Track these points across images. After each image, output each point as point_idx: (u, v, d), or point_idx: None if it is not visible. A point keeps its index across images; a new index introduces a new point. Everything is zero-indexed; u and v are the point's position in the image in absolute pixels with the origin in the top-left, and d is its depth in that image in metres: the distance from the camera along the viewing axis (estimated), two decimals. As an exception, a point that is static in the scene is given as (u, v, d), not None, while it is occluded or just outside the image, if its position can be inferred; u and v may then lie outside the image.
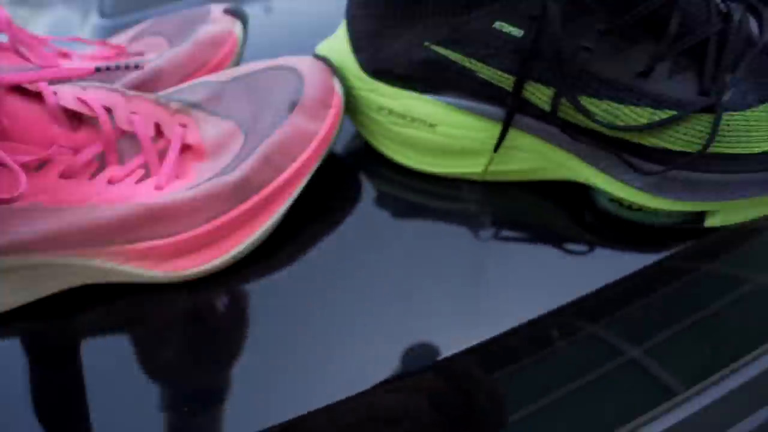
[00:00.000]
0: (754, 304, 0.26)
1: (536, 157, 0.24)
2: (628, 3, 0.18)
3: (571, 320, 0.21)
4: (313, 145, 0.21)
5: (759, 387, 0.26)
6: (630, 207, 0.24)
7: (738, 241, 0.26)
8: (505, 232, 0.24)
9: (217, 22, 0.30)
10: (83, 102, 0.19)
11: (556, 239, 0.23)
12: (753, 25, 0.21)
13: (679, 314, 0.24)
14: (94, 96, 0.19)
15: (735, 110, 0.20)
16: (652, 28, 0.19)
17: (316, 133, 0.22)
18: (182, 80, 0.28)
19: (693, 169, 0.21)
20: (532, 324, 0.20)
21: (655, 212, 0.23)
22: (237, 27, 0.30)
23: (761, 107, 0.20)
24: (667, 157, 0.20)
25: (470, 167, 0.25)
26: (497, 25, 0.20)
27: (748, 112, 0.20)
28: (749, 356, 0.26)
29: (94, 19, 0.50)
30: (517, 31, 0.19)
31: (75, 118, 0.19)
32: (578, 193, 0.25)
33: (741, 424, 0.27)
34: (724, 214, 0.23)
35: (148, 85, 0.27)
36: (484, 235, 0.23)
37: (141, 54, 0.30)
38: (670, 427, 0.24)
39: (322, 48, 0.27)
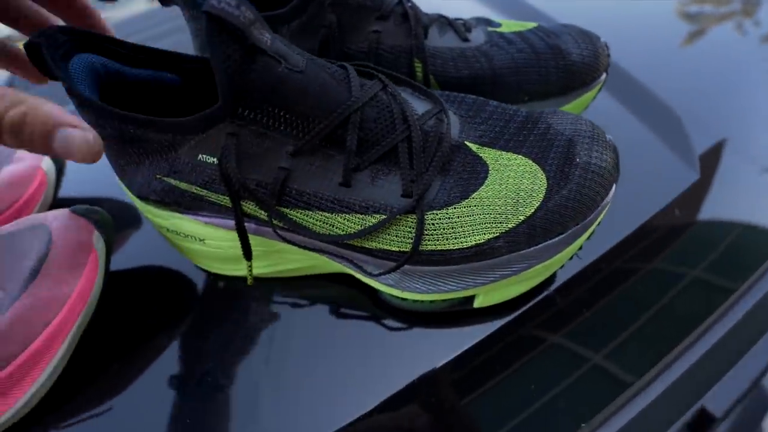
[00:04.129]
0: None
1: (303, 258, 0.26)
2: (305, 128, 0.21)
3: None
4: (66, 308, 0.23)
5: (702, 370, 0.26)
6: (400, 297, 0.25)
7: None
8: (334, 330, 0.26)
9: (22, 160, 0.32)
10: None
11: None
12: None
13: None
14: None
15: (439, 209, 0.21)
16: (338, 145, 0.21)
17: (68, 295, 0.23)
18: None
19: (419, 264, 0.22)
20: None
21: (422, 301, 0.25)
22: (45, 162, 0.33)
23: (464, 203, 0.21)
24: (390, 257, 0.22)
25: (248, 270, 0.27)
26: (200, 157, 0.22)
27: (450, 210, 0.21)
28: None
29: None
30: (216, 160, 0.22)
31: None
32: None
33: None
34: (484, 297, 0.24)
35: None
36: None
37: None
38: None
39: None
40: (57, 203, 0.34)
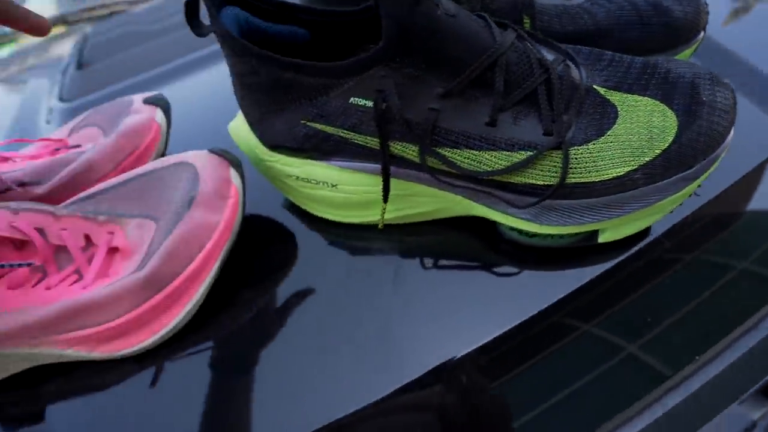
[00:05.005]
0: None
1: (433, 201, 0.28)
2: (455, 71, 0.22)
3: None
4: (216, 234, 0.25)
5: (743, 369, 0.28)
6: (528, 234, 0.27)
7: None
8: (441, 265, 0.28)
9: (139, 112, 0.35)
10: (15, 228, 0.24)
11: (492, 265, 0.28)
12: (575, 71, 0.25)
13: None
14: (26, 220, 0.24)
15: (579, 145, 0.23)
16: (484, 87, 0.23)
17: (218, 223, 0.26)
18: (114, 169, 0.33)
19: (560, 198, 0.24)
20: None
21: (551, 236, 0.27)
22: (158, 115, 0.35)
23: (601, 140, 0.23)
24: (535, 191, 0.24)
25: (374, 216, 0.29)
26: (352, 100, 0.24)
27: (590, 145, 0.23)
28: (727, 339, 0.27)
29: (54, 103, 0.57)
30: (368, 103, 0.24)
31: (13, 241, 0.25)
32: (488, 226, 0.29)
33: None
34: (612, 231, 0.26)
35: (82, 177, 0.32)
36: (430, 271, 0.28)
37: (79, 146, 0.36)
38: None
39: (233, 125, 0.32)
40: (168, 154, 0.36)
